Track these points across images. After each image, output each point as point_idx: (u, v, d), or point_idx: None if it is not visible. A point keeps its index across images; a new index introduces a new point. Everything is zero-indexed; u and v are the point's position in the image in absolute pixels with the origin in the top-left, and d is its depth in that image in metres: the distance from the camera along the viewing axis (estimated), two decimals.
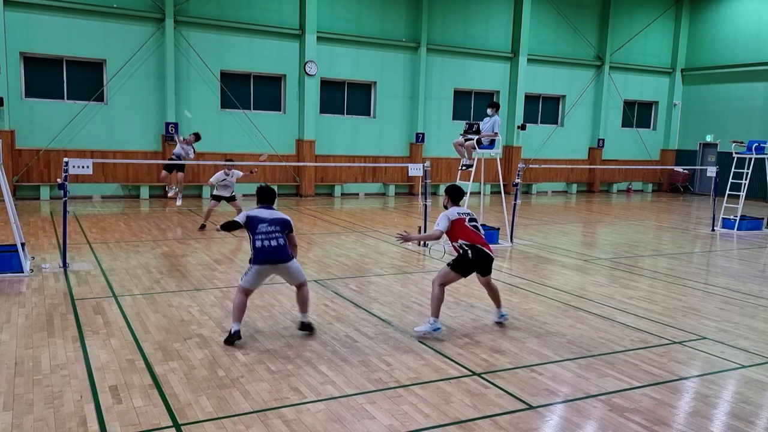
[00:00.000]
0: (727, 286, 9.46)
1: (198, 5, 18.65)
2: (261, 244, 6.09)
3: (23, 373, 5.23)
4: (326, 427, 4.46)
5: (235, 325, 6.11)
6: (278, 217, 6.27)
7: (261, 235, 6.10)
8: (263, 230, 6.12)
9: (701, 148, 27.00)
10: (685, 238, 14.30)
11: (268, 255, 6.07)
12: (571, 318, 7.40)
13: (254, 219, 6.19)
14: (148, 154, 18.36)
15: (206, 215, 13.24)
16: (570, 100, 25.52)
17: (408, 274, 9.57)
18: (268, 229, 6.13)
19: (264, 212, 6.29)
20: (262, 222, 6.16)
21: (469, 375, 5.53)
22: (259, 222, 6.16)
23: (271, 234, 6.12)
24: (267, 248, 6.07)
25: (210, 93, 19.16)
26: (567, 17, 24.79)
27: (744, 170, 15.22)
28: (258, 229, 6.13)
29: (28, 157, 17.22)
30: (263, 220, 6.17)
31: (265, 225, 6.14)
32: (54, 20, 17.09)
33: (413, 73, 22.14)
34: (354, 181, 21.72)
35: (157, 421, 4.47)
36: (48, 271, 8.87)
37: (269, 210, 6.36)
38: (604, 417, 4.79)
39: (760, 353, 6.36)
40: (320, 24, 20.26)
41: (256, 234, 6.13)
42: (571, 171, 25.80)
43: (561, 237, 13.80)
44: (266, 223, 6.15)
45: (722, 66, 25.75)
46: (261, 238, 6.10)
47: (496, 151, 12.36)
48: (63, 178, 8.99)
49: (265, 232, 6.11)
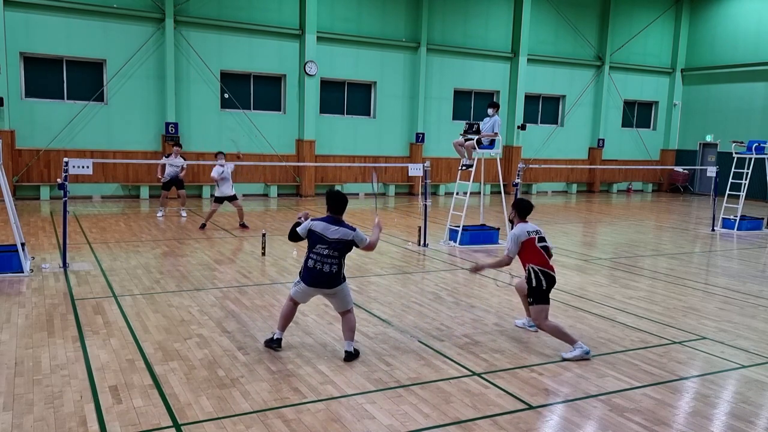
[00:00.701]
0: (727, 286, 9.46)
1: (198, 5, 18.65)
2: (313, 264, 5.69)
3: (23, 373, 5.23)
4: (326, 427, 4.46)
5: (277, 333, 5.98)
6: (341, 238, 5.69)
7: (315, 255, 5.68)
8: (319, 252, 5.67)
9: (701, 148, 27.00)
10: (685, 238, 14.30)
11: (316, 279, 5.70)
12: (571, 318, 7.40)
13: (314, 236, 5.71)
14: (148, 154, 18.35)
15: (208, 216, 13.25)
16: (570, 100, 25.52)
17: (408, 274, 9.57)
18: (324, 252, 5.66)
19: (329, 229, 5.70)
20: (322, 243, 5.66)
21: (469, 375, 5.53)
22: (318, 241, 5.68)
23: (326, 258, 5.66)
24: (316, 271, 5.68)
25: (210, 93, 19.16)
26: (567, 17, 24.78)
27: (744, 170, 15.22)
28: (315, 249, 5.69)
29: (28, 157, 17.22)
30: (324, 241, 5.66)
31: (324, 247, 5.66)
32: (54, 20, 17.08)
33: (413, 73, 22.14)
34: (354, 181, 21.71)
35: (157, 421, 4.47)
36: (48, 271, 8.87)
37: (335, 225, 5.73)
38: (604, 417, 4.79)
39: (760, 353, 6.36)
40: (320, 24, 20.26)
41: (312, 252, 5.71)
42: (571, 171, 25.79)
43: (561, 237, 13.79)
44: (325, 246, 5.66)
45: (722, 66, 25.74)
46: (315, 258, 5.68)
47: (496, 151, 12.37)
48: (63, 178, 8.99)
49: (321, 254, 5.66)
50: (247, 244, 11.60)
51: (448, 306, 7.73)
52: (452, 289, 8.70)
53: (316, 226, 5.73)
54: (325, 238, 5.68)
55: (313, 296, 5.96)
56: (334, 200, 5.82)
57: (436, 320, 7.14)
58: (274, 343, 5.96)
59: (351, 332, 5.86)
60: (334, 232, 5.70)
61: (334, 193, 5.86)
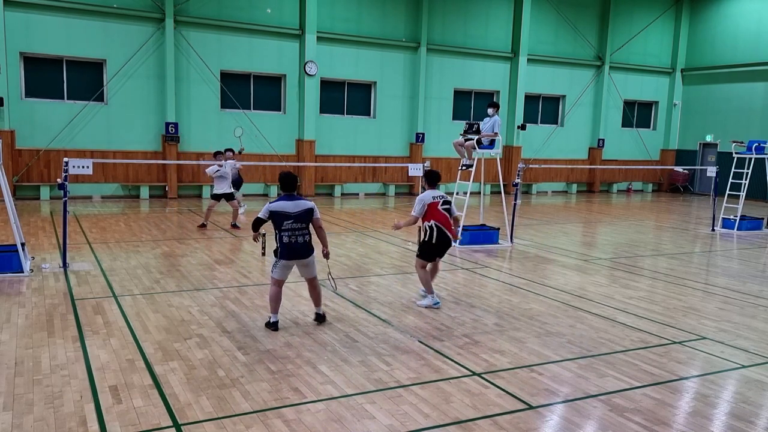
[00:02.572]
0: (727, 286, 9.46)
1: (198, 5, 18.65)
2: (288, 240, 6.32)
3: (23, 373, 5.23)
4: (326, 427, 4.46)
5: (273, 316, 6.57)
6: (302, 209, 6.37)
7: (287, 231, 6.31)
8: (289, 227, 6.30)
9: (701, 148, 27.00)
10: (685, 238, 14.30)
11: (294, 251, 6.35)
12: (571, 318, 7.40)
13: (278, 215, 6.30)
14: (148, 154, 18.36)
15: (206, 215, 13.26)
16: (570, 100, 25.52)
17: (408, 274, 9.56)
18: (293, 226, 6.31)
19: (288, 205, 6.35)
20: (287, 219, 6.29)
21: (469, 375, 5.53)
22: (284, 218, 6.29)
23: (297, 231, 6.33)
24: (294, 245, 6.33)
25: (210, 93, 19.16)
26: (567, 17, 24.79)
27: (744, 170, 15.21)
28: (284, 226, 6.30)
29: (28, 157, 17.22)
30: (288, 216, 6.29)
31: (290, 222, 6.29)
32: (54, 20, 17.09)
33: (413, 73, 22.14)
34: (354, 181, 21.72)
35: (157, 421, 4.47)
36: (48, 271, 8.87)
37: (293, 200, 6.41)
38: (604, 417, 4.79)
39: (760, 353, 6.36)
40: (320, 24, 20.27)
41: (283, 230, 6.31)
42: (571, 171, 25.80)
43: (561, 237, 13.80)
44: (291, 220, 6.29)
45: (722, 66, 25.74)
46: (288, 234, 6.31)
47: (496, 151, 12.36)
48: (63, 178, 8.99)
49: (291, 229, 6.31)
50: (247, 244, 11.59)
51: (448, 306, 7.73)
52: (452, 289, 8.70)
53: (275, 206, 6.35)
54: (289, 213, 6.32)
55: (291, 268, 6.54)
56: (284, 180, 6.50)
57: (436, 320, 7.14)
58: (272, 326, 6.54)
59: (320, 297, 6.80)
60: (296, 204, 6.38)
61: (283, 174, 6.53)
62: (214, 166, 12.94)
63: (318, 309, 6.81)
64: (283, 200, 6.41)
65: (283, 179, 6.51)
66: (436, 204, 7.28)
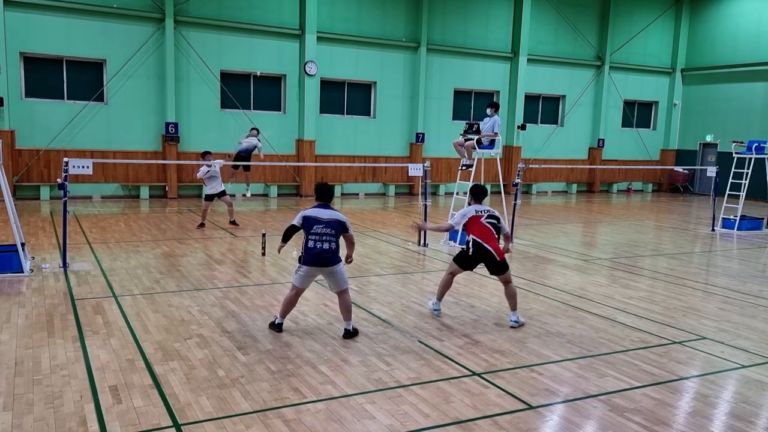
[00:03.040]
0: (727, 286, 9.46)
1: (198, 5, 18.65)
2: (313, 244, 6.14)
3: (23, 373, 5.23)
4: (326, 427, 4.46)
5: (278, 318, 6.51)
6: (334, 218, 6.22)
7: (314, 236, 6.14)
8: (318, 231, 6.13)
9: (701, 148, 27.00)
10: (685, 238, 14.30)
11: (316, 257, 6.13)
12: (571, 318, 7.40)
13: (310, 219, 6.19)
14: (148, 154, 18.36)
15: (203, 215, 13.29)
16: (570, 100, 25.52)
17: (408, 274, 9.57)
18: (323, 230, 6.13)
19: (321, 212, 6.24)
20: (318, 223, 6.15)
21: (469, 375, 5.53)
22: (315, 222, 6.16)
23: (324, 236, 6.12)
24: (317, 250, 6.12)
25: (210, 93, 19.16)
26: (567, 17, 24.79)
27: (744, 170, 15.22)
28: (313, 230, 6.15)
29: (28, 157, 17.22)
30: (319, 221, 6.16)
31: (321, 227, 6.14)
32: (54, 20, 17.09)
33: (413, 73, 22.14)
34: (354, 181, 21.72)
35: (157, 421, 4.47)
36: (48, 271, 8.87)
37: (326, 209, 6.29)
38: (604, 417, 4.79)
39: (760, 353, 6.36)
40: (320, 24, 20.27)
41: (310, 234, 6.16)
42: (571, 171, 25.80)
43: (561, 237, 13.80)
44: (322, 225, 6.14)
45: (722, 66, 25.74)
46: (314, 239, 6.13)
47: (496, 151, 12.36)
48: (63, 178, 8.99)
49: (319, 233, 6.12)
50: (247, 244, 11.60)
51: (448, 306, 7.72)
52: (452, 289, 8.68)
53: (310, 212, 6.26)
54: (320, 218, 6.20)
55: (313, 278, 6.38)
56: (320, 191, 6.46)
57: (436, 320, 7.14)
58: (275, 327, 6.46)
59: (348, 312, 6.38)
60: (329, 213, 6.26)
61: (320, 185, 6.49)
62: (203, 167, 12.94)
63: (347, 324, 6.39)
64: (318, 208, 6.30)
65: (319, 189, 6.44)
66: (479, 218, 7.00)
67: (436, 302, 7.34)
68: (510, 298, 7.04)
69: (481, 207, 7.16)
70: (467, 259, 6.98)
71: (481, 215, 7.00)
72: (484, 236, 6.88)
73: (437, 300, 7.34)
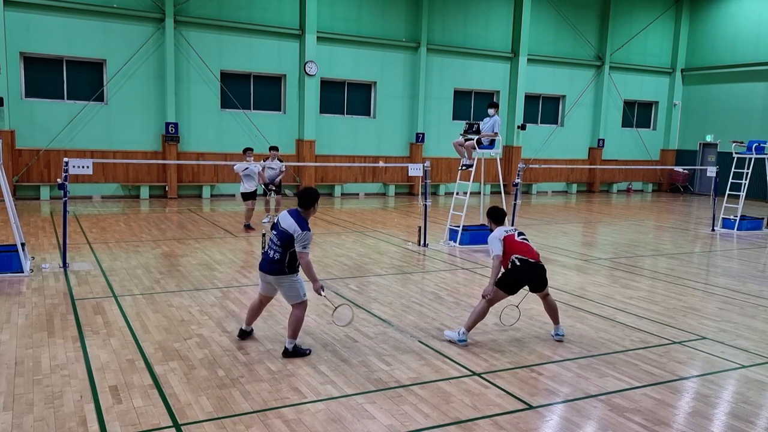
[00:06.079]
0: (727, 286, 9.46)
1: (198, 5, 18.65)
2: (265, 248, 6.09)
3: (23, 373, 5.23)
4: (326, 427, 4.46)
5: (244, 326, 6.33)
6: (285, 229, 5.73)
7: (270, 240, 5.97)
8: (272, 237, 5.93)
9: (701, 148, 27.00)
10: (685, 238, 14.30)
11: (262, 263, 5.96)
12: (571, 318, 7.40)
13: (275, 224, 5.98)
14: (148, 154, 18.36)
15: (246, 215, 13.28)
16: (570, 100, 25.52)
17: (408, 274, 9.57)
18: (272, 237, 5.92)
19: (285, 218, 5.84)
20: (275, 228, 5.93)
21: (469, 375, 5.53)
22: (273, 227, 5.99)
23: (271, 243, 5.88)
24: (263, 255, 6.00)
25: (210, 93, 19.15)
26: (567, 17, 24.78)
27: (744, 170, 15.21)
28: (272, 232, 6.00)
29: (28, 157, 17.22)
30: (276, 227, 5.91)
31: (273, 233, 5.94)
32: (54, 20, 17.08)
33: (413, 73, 22.14)
34: (354, 181, 21.72)
35: (157, 421, 4.47)
36: (48, 271, 8.87)
37: (291, 217, 5.80)
38: (604, 417, 4.79)
39: (760, 353, 6.36)
40: (320, 24, 20.26)
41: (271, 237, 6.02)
42: (571, 171, 25.80)
43: (561, 237, 13.79)
44: (274, 231, 5.91)
45: (722, 66, 25.74)
46: (268, 243, 5.96)
47: (496, 151, 12.36)
48: (63, 178, 8.99)
49: (272, 239, 5.91)
50: (247, 244, 11.60)
51: (448, 306, 7.73)
52: (452, 289, 8.70)
53: (282, 214, 5.96)
54: (278, 224, 5.88)
55: (269, 284, 5.98)
56: (298, 195, 6.03)
57: (436, 320, 7.14)
58: (240, 334, 6.27)
59: (292, 329, 5.84)
60: (287, 222, 5.79)
61: (302, 189, 6.08)
62: (243, 162, 12.81)
63: (287, 342, 5.87)
64: (288, 212, 5.90)
65: (298, 193, 6.13)
66: (512, 237, 6.48)
67: (464, 332, 6.39)
68: (552, 313, 6.61)
69: (507, 227, 6.68)
70: (515, 281, 6.36)
71: (513, 234, 6.55)
72: (529, 253, 6.41)
73: (465, 330, 6.40)
